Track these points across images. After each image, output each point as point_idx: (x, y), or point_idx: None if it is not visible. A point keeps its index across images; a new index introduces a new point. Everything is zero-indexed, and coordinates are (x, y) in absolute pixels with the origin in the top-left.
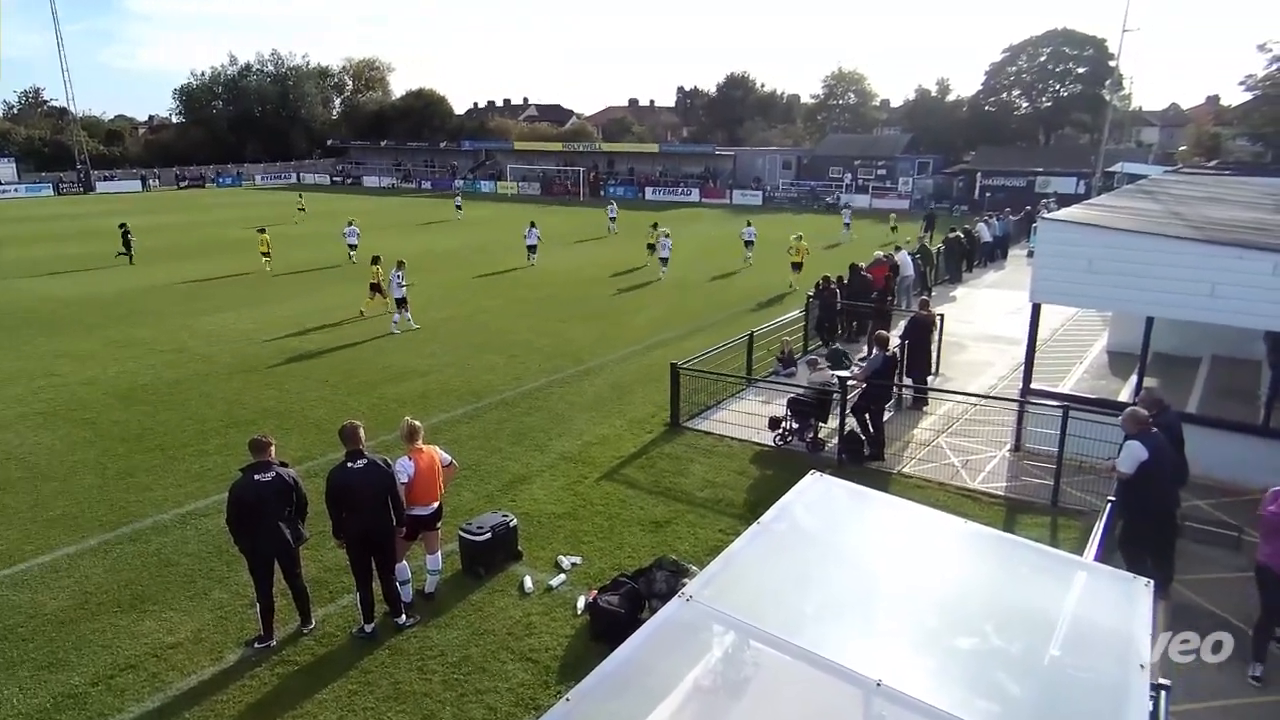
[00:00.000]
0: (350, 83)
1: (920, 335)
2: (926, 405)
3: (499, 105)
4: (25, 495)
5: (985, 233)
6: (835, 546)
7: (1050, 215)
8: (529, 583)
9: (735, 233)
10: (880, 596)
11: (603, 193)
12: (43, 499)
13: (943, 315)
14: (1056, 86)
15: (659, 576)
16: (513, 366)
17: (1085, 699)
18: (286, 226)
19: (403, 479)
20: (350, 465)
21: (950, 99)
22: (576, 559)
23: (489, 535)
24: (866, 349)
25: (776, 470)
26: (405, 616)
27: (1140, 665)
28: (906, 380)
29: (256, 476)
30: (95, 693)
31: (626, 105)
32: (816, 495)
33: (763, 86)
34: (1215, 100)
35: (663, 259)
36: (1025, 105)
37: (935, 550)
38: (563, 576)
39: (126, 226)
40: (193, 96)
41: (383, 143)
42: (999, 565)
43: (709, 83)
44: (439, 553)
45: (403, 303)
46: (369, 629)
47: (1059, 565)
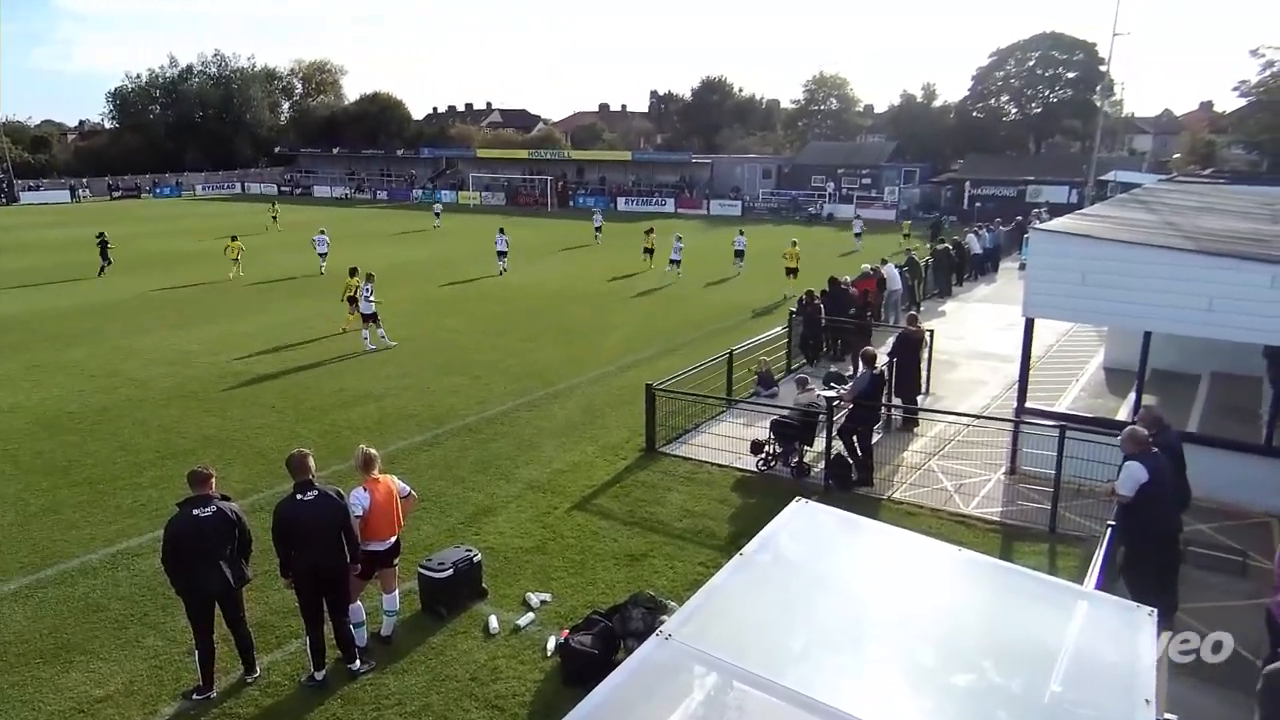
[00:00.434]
0: (300, 86)
1: (909, 352)
2: (917, 426)
3: (460, 110)
4: None
5: (975, 244)
6: (823, 578)
7: (1042, 226)
8: (494, 623)
9: (711, 245)
10: (871, 631)
11: (572, 203)
12: None
13: (932, 331)
14: (1046, 92)
15: (635, 614)
16: (476, 389)
17: None
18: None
19: (357, 512)
20: (300, 498)
21: (937, 105)
22: (546, 596)
23: (451, 572)
24: (852, 367)
25: (759, 497)
26: (359, 662)
27: (1145, 700)
28: (895, 400)
29: (195, 511)
30: None
31: (597, 110)
32: (802, 524)
33: (740, 91)
34: (1209, 106)
35: (674, 260)
36: (1014, 111)
37: (928, 580)
38: (531, 616)
39: (105, 236)
40: (127, 100)
41: (335, 150)
42: (996, 595)
43: (684, 87)
44: (396, 592)
45: (372, 318)
46: (320, 676)
47: (1058, 594)
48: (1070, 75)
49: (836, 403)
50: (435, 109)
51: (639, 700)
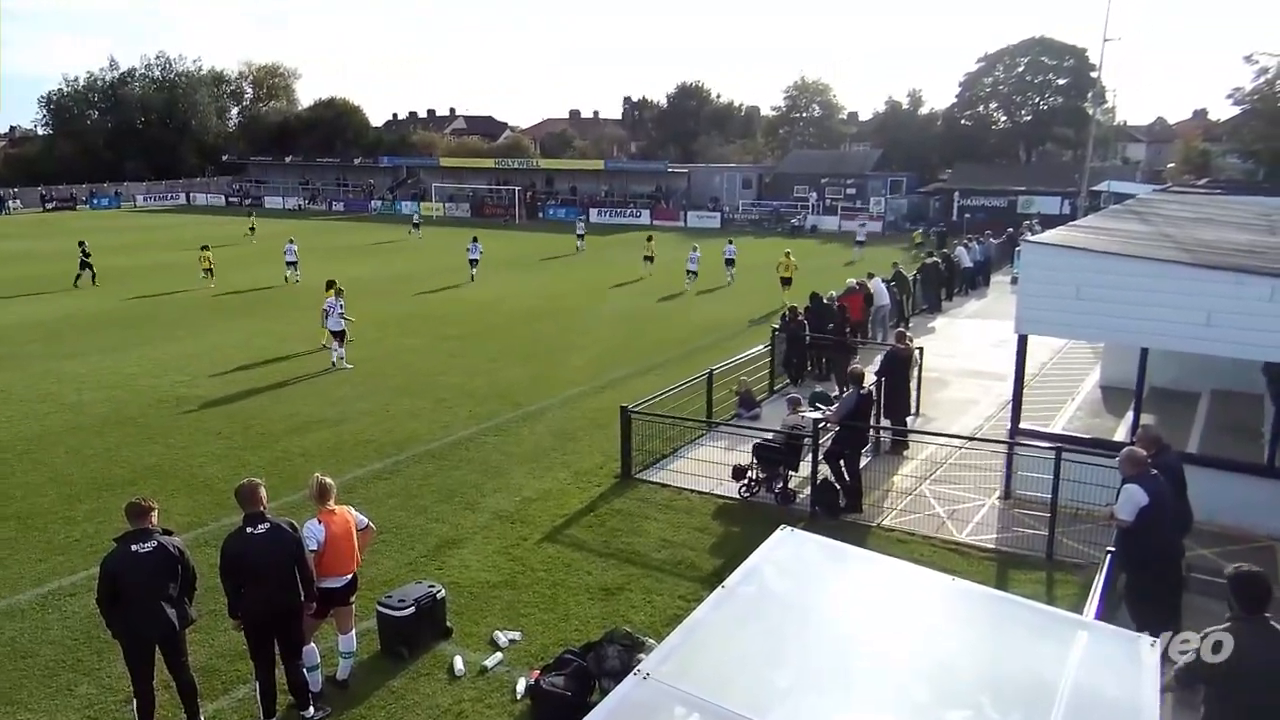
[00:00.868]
0: (250, 91)
1: (898, 371)
2: (907, 449)
3: (422, 117)
4: None
5: (965, 257)
6: (810, 611)
7: (1034, 238)
8: (460, 664)
9: (679, 257)
10: (861, 666)
11: (541, 214)
12: None
13: (922, 348)
14: (1036, 99)
15: (611, 652)
16: (440, 412)
17: None
18: (173, 252)
19: (312, 546)
20: (250, 531)
21: (923, 112)
22: (515, 635)
23: (412, 610)
24: (838, 387)
25: (742, 526)
26: (314, 708)
27: None
28: (884, 421)
29: (134, 547)
30: None
31: (567, 117)
32: (788, 553)
33: (719, 97)
34: (1203, 115)
35: (691, 271)
36: (1003, 119)
37: (921, 612)
38: (499, 656)
39: (85, 245)
40: (62, 105)
41: (287, 158)
42: (992, 627)
43: (659, 92)
44: (354, 632)
45: (340, 336)
46: None
47: (1057, 625)
48: (1061, 82)
49: (822, 424)
50: (395, 115)
51: None
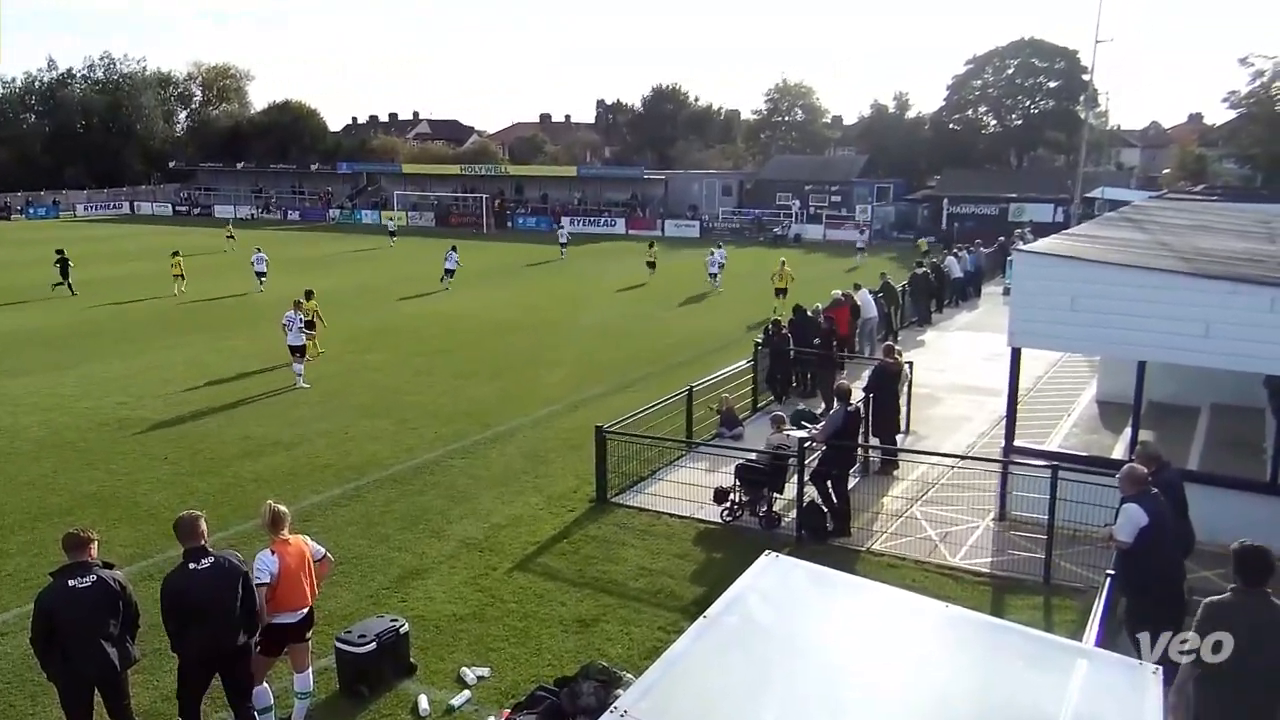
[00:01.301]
0: (199, 93)
1: (887, 386)
2: (897, 469)
3: (383, 121)
4: None
5: (955, 267)
6: (797, 641)
7: (1026, 247)
8: (424, 703)
9: (668, 265)
10: (852, 699)
11: (511, 224)
12: None
13: (911, 363)
14: (1027, 103)
15: (586, 688)
16: (403, 434)
17: None
18: (119, 265)
19: (264, 578)
20: (192, 566)
21: (910, 116)
22: (484, 671)
23: (373, 645)
24: (824, 404)
25: (725, 552)
26: None
27: None
28: (873, 440)
29: (72, 582)
30: None
31: (538, 121)
32: (773, 580)
33: (697, 100)
34: (1198, 118)
35: (713, 274)
36: (993, 123)
37: (913, 641)
38: (467, 694)
39: (64, 254)
40: None
41: (239, 165)
42: (988, 656)
43: (634, 95)
44: (310, 670)
45: (300, 351)
46: None
47: (1056, 653)
48: (1052, 85)
49: (808, 444)
50: (355, 119)
51: None
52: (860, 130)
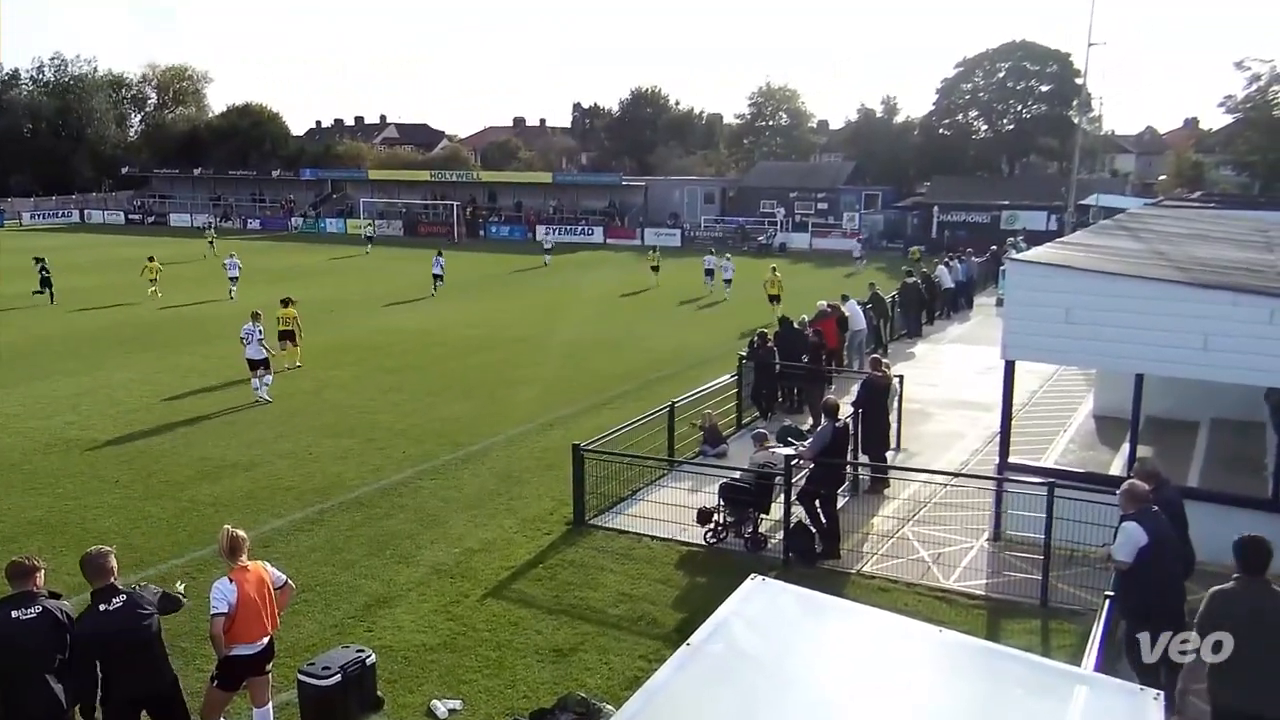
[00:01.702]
0: (153, 95)
1: (876, 401)
2: (887, 487)
3: (349, 125)
4: None
5: (946, 277)
6: (785, 669)
7: (1019, 256)
8: None
9: (644, 277)
10: None
11: (483, 233)
12: None
13: (901, 377)
14: (1018, 107)
15: None
16: (370, 454)
17: None
18: (72, 276)
19: (221, 608)
20: (103, 608)
21: (899, 121)
22: (455, 704)
23: (338, 678)
24: (811, 420)
25: (709, 576)
26: None
27: None
28: (862, 457)
29: (15, 613)
30: None
31: (511, 125)
32: (759, 605)
33: (677, 104)
34: (1194, 124)
35: (726, 280)
36: (984, 128)
37: (907, 667)
38: None
39: (44, 261)
40: None
41: (196, 171)
42: (984, 683)
43: (612, 99)
44: (270, 705)
45: (262, 365)
46: None
47: (1054, 679)
48: (1044, 89)
49: (795, 462)
50: (319, 123)
51: None
52: (847, 135)
